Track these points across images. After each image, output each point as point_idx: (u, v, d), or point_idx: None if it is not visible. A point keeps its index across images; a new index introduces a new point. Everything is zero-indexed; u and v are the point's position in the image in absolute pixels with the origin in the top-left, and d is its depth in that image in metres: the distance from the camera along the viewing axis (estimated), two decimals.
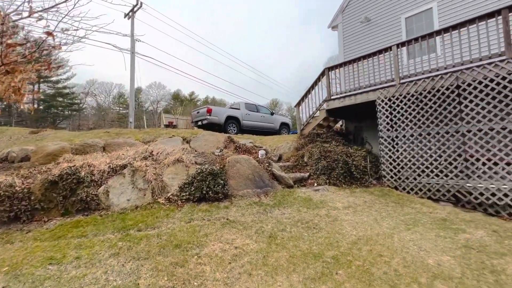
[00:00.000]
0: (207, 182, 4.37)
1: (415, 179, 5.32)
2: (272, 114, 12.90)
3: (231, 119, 10.77)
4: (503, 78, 4.42)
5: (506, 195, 4.22)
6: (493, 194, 4.34)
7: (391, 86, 5.93)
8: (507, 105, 4.45)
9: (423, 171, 5.25)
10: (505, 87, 4.42)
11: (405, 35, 7.37)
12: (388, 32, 7.86)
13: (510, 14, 4.54)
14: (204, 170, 4.55)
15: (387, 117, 5.96)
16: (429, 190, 5.09)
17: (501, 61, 4.47)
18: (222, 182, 4.46)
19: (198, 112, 11.07)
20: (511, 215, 4.22)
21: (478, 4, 6.24)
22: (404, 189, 5.45)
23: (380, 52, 6.30)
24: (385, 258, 2.83)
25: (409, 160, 5.46)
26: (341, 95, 7.15)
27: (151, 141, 6.75)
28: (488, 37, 4.79)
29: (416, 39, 5.68)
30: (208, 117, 10.21)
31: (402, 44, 6.00)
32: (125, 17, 15.65)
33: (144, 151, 5.33)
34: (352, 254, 2.90)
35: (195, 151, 5.93)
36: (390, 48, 6.11)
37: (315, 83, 7.71)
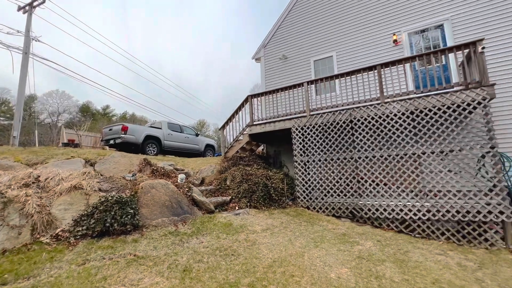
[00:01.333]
0: (113, 213, 3.77)
1: (322, 199, 6.04)
2: (197, 135, 12.63)
3: (150, 138, 9.93)
4: (379, 117, 5.70)
5: (385, 210, 5.25)
6: (377, 210, 5.34)
7: (303, 116, 6.77)
8: (382, 138, 5.70)
9: (328, 192, 6.03)
10: (380, 124, 5.69)
11: (313, 74, 8.71)
12: (301, 70, 9.12)
13: (382, 69, 6.00)
14: (110, 198, 3.93)
15: (300, 143, 6.70)
16: (333, 208, 5.84)
17: (378, 103, 5.79)
18: (132, 211, 3.93)
19: (110, 130, 9.76)
20: (389, 226, 5.24)
21: (364, 57, 8.02)
22: (314, 208, 6.08)
23: (294, 86, 7.18)
24: (296, 278, 3.00)
25: (318, 182, 6.20)
26: (262, 122, 7.67)
27: (40, 163, 5.45)
28: (369, 84, 6.16)
29: (321, 79, 6.77)
30: (123, 135, 9.12)
31: (311, 82, 7.04)
32: (19, 10, 12.91)
33: (26, 176, 4.22)
34: (267, 278, 2.95)
35: (101, 175, 5.10)
36: (302, 84, 7.05)
37: (239, 108, 8.06)
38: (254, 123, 7.77)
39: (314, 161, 6.40)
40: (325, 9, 8.76)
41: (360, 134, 5.89)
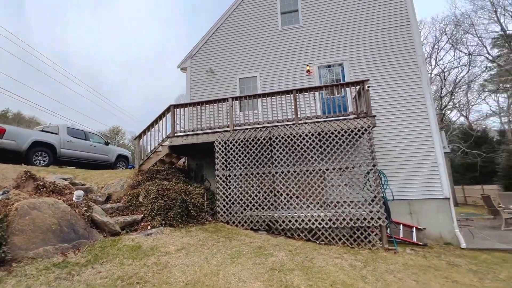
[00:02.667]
0: None
1: (241, 212, 6.15)
2: (107, 144, 10.98)
3: (40, 145, 8.02)
4: (294, 136, 6.34)
5: (296, 221, 5.76)
6: (290, 221, 5.80)
7: (227, 131, 6.86)
8: (296, 154, 6.34)
9: (247, 205, 6.19)
10: (295, 142, 6.33)
11: (239, 91, 9.05)
12: (227, 86, 9.32)
13: (297, 94, 6.76)
14: None
15: (222, 157, 6.71)
16: (251, 221, 6.01)
17: (293, 124, 6.45)
18: None
19: None
20: (299, 236, 5.75)
21: (284, 81, 8.85)
22: (233, 222, 6.11)
23: (219, 101, 7.25)
24: None
25: (238, 196, 6.30)
26: (184, 133, 7.36)
27: None
28: (286, 106, 6.82)
29: (245, 97, 7.08)
30: None
31: (236, 98, 7.27)
32: None
33: None
34: None
35: None
36: (227, 99, 7.18)
37: (160, 117, 7.52)
38: (176, 134, 7.36)
39: (235, 175, 6.50)
40: (252, 31, 9.39)
41: (277, 150, 6.38)
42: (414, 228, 6.46)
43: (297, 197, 6.07)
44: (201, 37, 9.97)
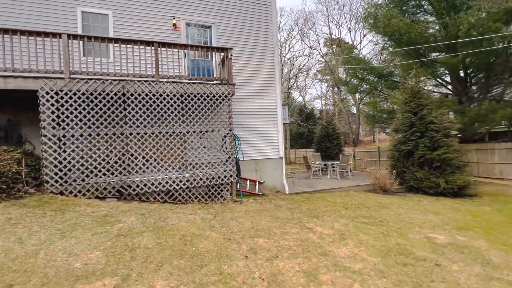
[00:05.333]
0: None
1: (83, 180, 5.15)
2: None
3: None
4: (154, 95, 5.79)
5: (152, 184, 5.54)
6: (145, 185, 5.50)
7: (60, 78, 5.23)
8: (155, 115, 5.88)
9: (92, 172, 5.24)
10: (154, 101, 5.81)
11: (81, 29, 6.96)
12: (62, 17, 6.90)
13: (159, 48, 6.07)
14: None
15: (53, 113, 5.15)
16: (97, 189, 5.19)
17: (153, 81, 5.83)
18: None
19: None
20: (155, 199, 5.62)
21: (145, 30, 7.60)
22: (71, 192, 5.04)
23: (46, 34, 5.29)
24: (19, 286, 2.28)
25: (78, 161, 5.18)
26: None
27: None
28: (146, 60, 6.01)
29: (90, 38, 5.57)
30: None
31: (76, 37, 5.59)
32: None
33: None
34: None
35: None
36: (60, 35, 5.37)
37: None
38: None
39: (74, 136, 5.23)
40: None
41: (133, 109, 5.65)
42: (257, 182, 7.94)
43: (155, 160, 5.78)
44: None
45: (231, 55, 6.55)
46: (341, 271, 3.10)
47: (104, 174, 5.33)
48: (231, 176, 6.30)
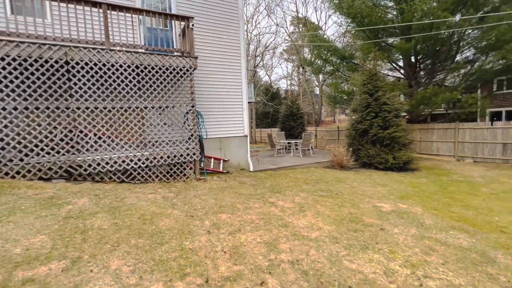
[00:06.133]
0: None
1: (21, 160, 4.55)
2: None
3: None
4: (104, 65, 5.18)
5: (107, 163, 5.14)
6: (98, 164, 5.07)
7: None
8: (107, 88, 5.31)
9: (32, 150, 4.64)
10: (105, 72, 5.22)
11: None
12: None
13: (109, 11, 5.35)
14: None
15: None
16: (39, 170, 4.64)
17: (103, 49, 5.19)
18: None
19: None
20: (111, 179, 5.25)
21: None
22: (7, 174, 4.43)
23: None
24: None
25: (13, 139, 4.52)
26: None
27: None
28: (92, 24, 5.27)
29: None
30: None
31: None
32: None
33: None
34: None
35: None
36: None
37: None
38: None
39: (5, 109, 4.50)
40: None
41: (79, 80, 5.01)
42: (222, 160, 7.90)
43: (109, 137, 5.31)
44: None
45: (193, 24, 6.09)
46: (299, 240, 3.30)
47: (48, 153, 4.76)
48: (194, 154, 6.14)
